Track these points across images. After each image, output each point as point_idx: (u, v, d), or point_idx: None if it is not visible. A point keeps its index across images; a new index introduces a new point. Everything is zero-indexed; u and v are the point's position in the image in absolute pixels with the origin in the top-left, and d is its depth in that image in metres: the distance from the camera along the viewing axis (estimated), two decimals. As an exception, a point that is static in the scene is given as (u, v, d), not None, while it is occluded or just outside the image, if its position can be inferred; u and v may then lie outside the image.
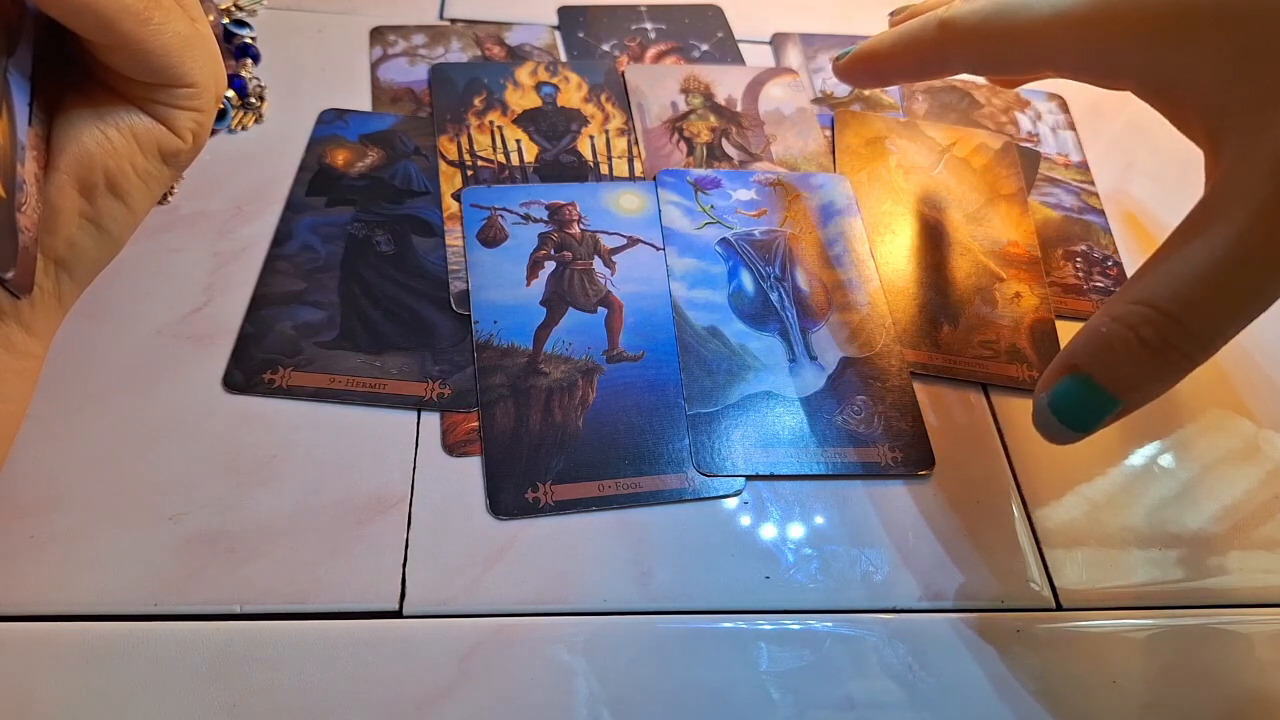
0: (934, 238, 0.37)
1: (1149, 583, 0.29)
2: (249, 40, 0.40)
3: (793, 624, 0.27)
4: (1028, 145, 0.42)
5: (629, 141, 0.39)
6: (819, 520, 0.29)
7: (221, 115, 0.37)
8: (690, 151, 0.39)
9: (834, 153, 0.40)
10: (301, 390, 0.30)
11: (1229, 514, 0.31)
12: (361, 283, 0.33)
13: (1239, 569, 0.30)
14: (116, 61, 0.22)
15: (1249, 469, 0.32)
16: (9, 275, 0.21)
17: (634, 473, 0.29)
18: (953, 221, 0.38)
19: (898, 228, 0.37)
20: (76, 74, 0.23)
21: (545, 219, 0.35)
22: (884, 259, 0.36)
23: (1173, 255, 0.24)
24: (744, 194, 0.38)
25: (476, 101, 0.40)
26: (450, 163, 0.37)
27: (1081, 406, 0.25)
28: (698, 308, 0.33)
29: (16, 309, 0.24)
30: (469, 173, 0.37)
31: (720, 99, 0.42)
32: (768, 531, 0.29)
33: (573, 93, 0.41)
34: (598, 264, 0.34)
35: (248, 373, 0.30)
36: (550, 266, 0.34)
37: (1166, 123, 0.27)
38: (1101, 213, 0.40)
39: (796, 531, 0.29)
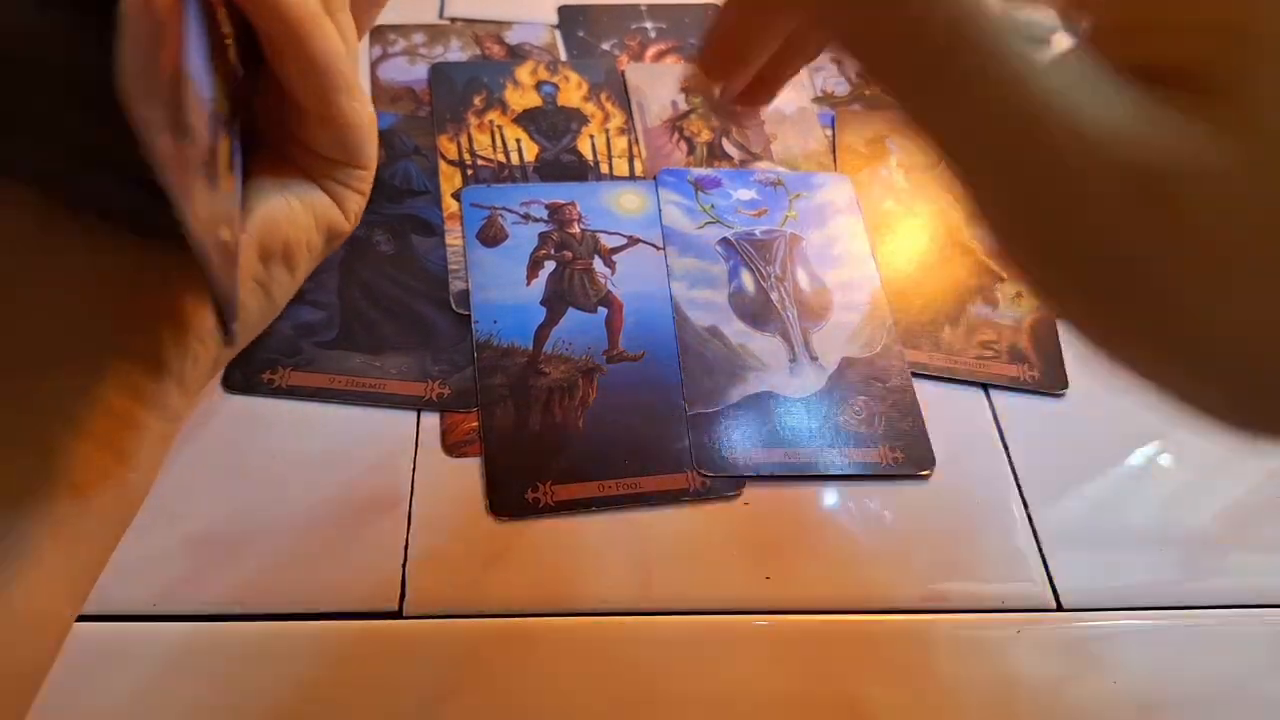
0: (935, 237, 0.37)
1: (1149, 583, 0.29)
2: (249, 39, 0.40)
3: (792, 624, 0.27)
4: (1028, 144, 0.42)
5: (629, 140, 0.39)
6: (819, 520, 0.29)
7: (222, 114, 0.37)
8: (691, 150, 0.39)
9: (835, 152, 0.40)
10: (301, 390, 0.30)
11: (1229, 514, 0.31)
12: (361, 283, 0.33)
13: (1239, 569, 0.30)
14: (321, 135, 0.22)
15: (1249, 469, 0.32)
16: (235, 324, 0.20)
17: (634, 473, 0.29)
18: (953, 221, 0.38)
19: (898, 227, 0.37)
20: (262, 147, 0.24)
21: (545, 218, 0.35)
22: (884, 259, 0.36)
23: None
24: (745, 193, 0.37)
25: (476, 100, 0.40)
26: (450, 162, 0.37)
27: None
28: (698, 307, 0.33)
29: (182, 366, 0.22)
30: (469, 172, 0.37)
31: (720, 98, 0.42)
32: (768, 531, 0.29)
33: (573, 92, 0.41)
34: (598, 264, 0.34)
35: (248, 373, 0.30)
36: (550, 266, 0.34)
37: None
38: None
39: (796, 532, 0.29)
